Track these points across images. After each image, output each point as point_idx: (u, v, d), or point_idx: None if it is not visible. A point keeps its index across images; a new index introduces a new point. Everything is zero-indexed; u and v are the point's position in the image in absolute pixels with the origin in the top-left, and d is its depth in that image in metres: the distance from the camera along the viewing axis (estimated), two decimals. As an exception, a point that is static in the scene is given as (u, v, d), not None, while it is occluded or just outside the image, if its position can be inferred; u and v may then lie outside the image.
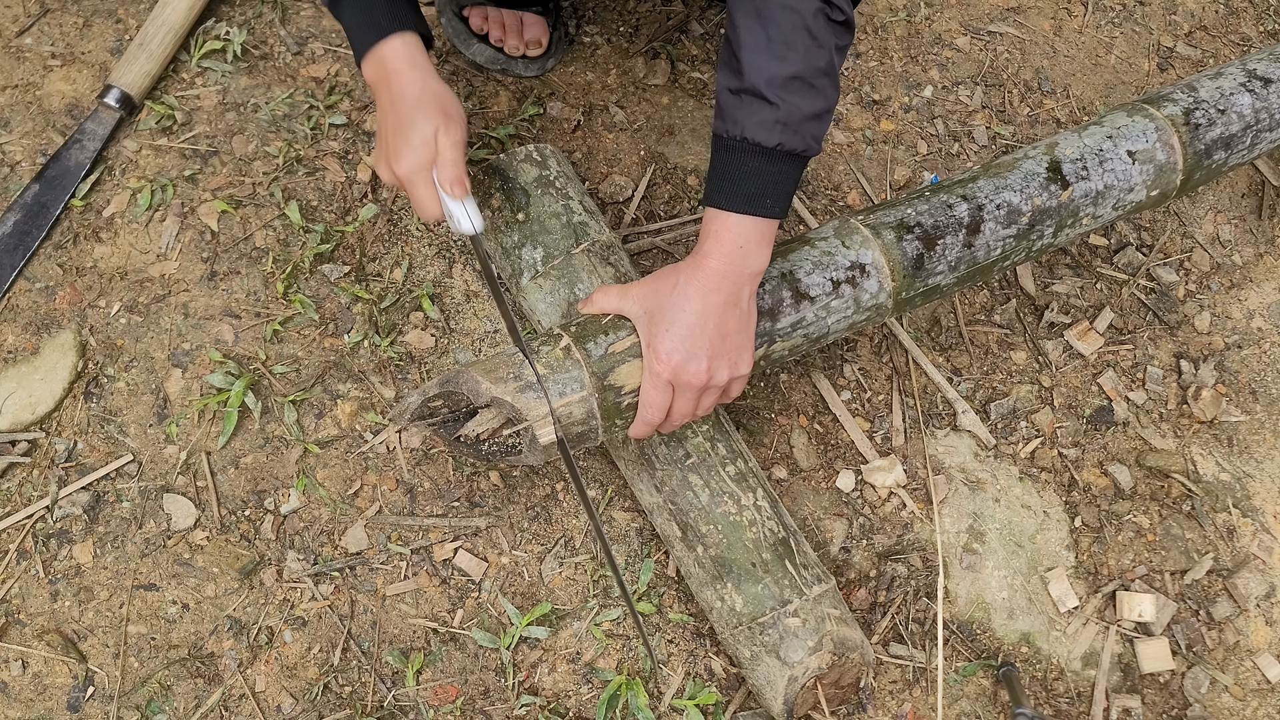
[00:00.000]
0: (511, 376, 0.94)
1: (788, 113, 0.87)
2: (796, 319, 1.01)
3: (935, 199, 1.08)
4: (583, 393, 0.94)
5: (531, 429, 0.93)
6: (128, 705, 1.04)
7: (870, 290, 1.04)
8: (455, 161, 0.96)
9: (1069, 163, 1.11)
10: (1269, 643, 1.19)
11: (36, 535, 1.09)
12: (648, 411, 0.95)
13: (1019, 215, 1.08)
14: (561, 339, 0.96)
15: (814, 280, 1.02)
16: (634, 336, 0.96)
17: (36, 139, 1.27)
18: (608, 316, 0.98)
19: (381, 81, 0.98)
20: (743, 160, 0.90)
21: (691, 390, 0.93)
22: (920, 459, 1.23)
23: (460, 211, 0.96)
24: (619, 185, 1.34)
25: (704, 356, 0.91)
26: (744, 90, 0.88)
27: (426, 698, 1.07)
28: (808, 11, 0.86)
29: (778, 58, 0.86)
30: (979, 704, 1.13)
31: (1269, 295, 1.41)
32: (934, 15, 1.55)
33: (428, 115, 0.95)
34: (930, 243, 1.05)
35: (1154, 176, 1.14)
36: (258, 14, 1.39)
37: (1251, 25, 1.63)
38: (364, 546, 1.12)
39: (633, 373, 0.95)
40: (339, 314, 1.22)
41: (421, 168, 0.96)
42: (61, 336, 1.18)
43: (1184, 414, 1.31)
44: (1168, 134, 1.15)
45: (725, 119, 0.90)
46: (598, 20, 1.46)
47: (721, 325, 0.91)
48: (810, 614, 1.01)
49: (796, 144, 0.89)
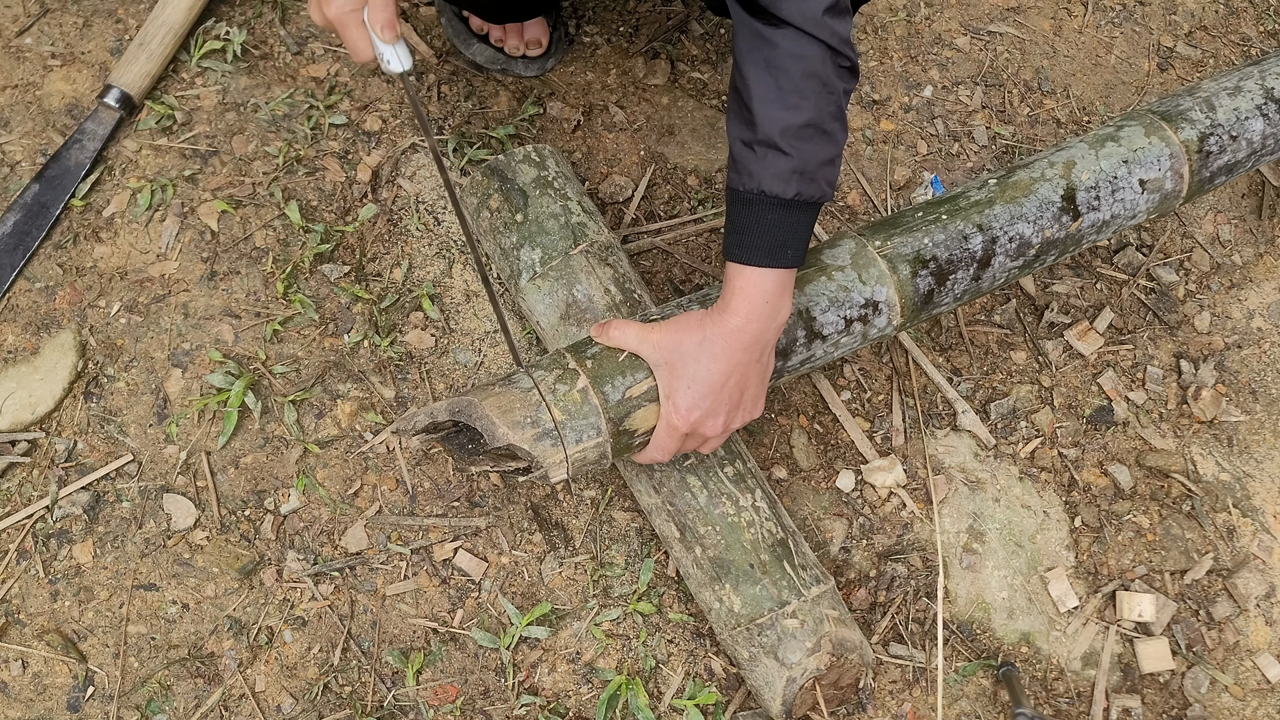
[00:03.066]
0: (529, 422, 0.91)
1: (802, 161, 0.87)
2: (807, 355, 1.02)
3: (952, 227, 1.06)
4: (598, 439, 0.93)
5: (545, 471, 0.93)
6: (128, 705, 1.04)
7: (879, 325, 1.04)
8: (385, 4, 0.92)
9: (1084, 190, 1.09)
10: (1269, 643, 1.19)
11: (36, 535, 1.09)
12: (657, 454, 0.97)
13: (1028, 248, 1.08)
14: (578, 379, 0.94)
15: (829, 319, 1.01)
16: (651, 380, 0.94)
17: (36, 139, 1.27)
18: (624, 354, 0.96)
19: None
20: (761, 213, 0.89)
21: (703, 439, 0.96)
22: (920, 459, 1.23)
23: (391, 53, 0.94)
24: (619, 185, 1.34)
25: (722, 413, 0.93)
26: (758, 142, 0.87)
27: (426, 698, 1.07)
28: (816, 59, 0.86)
29: (790, 107, 0.86)
30: (979, 704, 1.13)
31: (1269, 295, 1.41)
32: (934, 15, 1.55)
33: None
34: (942, 279, 1.05)
35: (1157, 203, 1.14)
36: (258, 14, 1.39)
37: (1251, 25, 1.63)
38: (364, 546, 1.12)
39: (648, 417, 0.95)
40: (339, 314, 1.22)
41: (352, 9, 0.93)
42: (61, 336, 1.18)
43: (1184, 414, 1.31)
44: (1180, 163, 1.13)
45: (740, 171, 0.90)
46: (598, 20, 1.46)
47: (743, 383, 0.93)
48: (808, 615, 1.01)
49: (813, 192, 0.89)
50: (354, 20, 0.94)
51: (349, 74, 1.36)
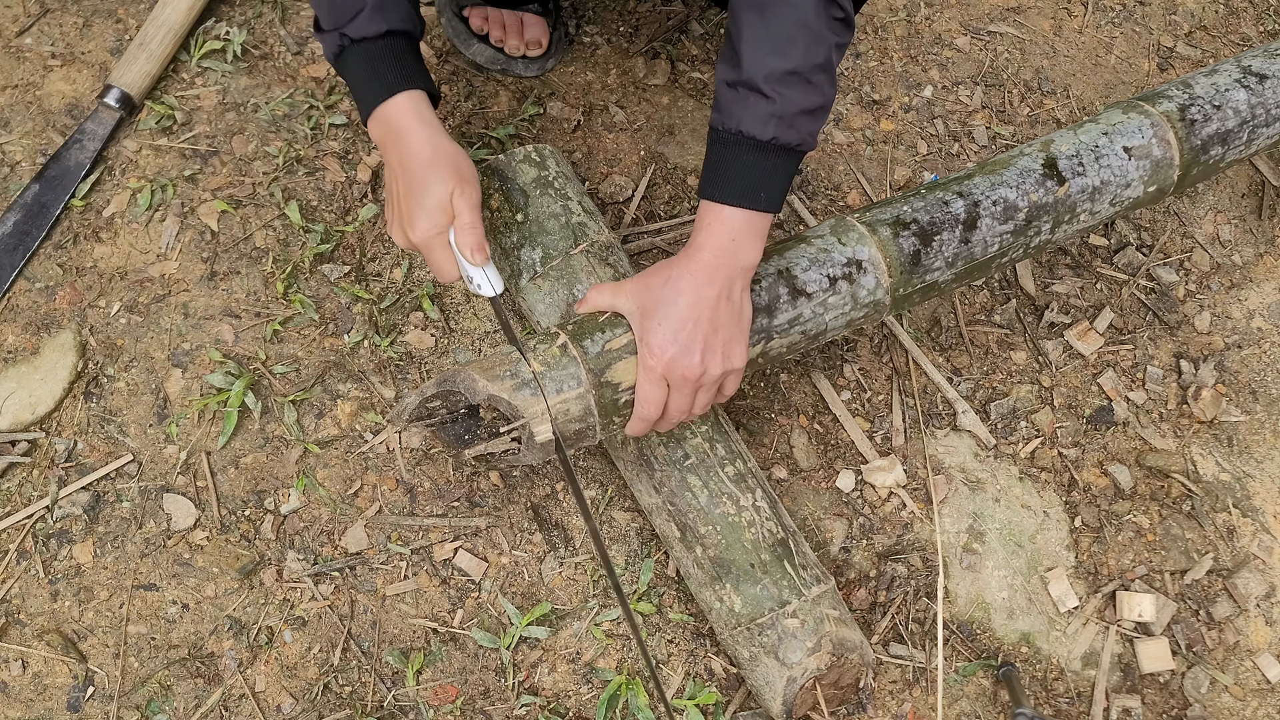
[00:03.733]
0: (508, 374, 0.94)
1: (783, 107, 0.88)
2: (794, 315, 1.01)
3: (931, 196, 1.09)
4: (580, 389, 0.94)
5: (529, 427, 0.93)
6: (128, 705, 1.04)
7: (867, 286, 1.04)
8: (474, 226, 0.94)
9: (1065, 159, 1.11)
10: (1269, 643, 1.19)
11: (36, 535, 1.09)
12: (644, 407, 0.95)
13: (1015, 211, 1.09)
14: (558, 337, 0.97)
15: (810, 277, 1.02)
16: (630, 333, 0.96)
17: (36, 139, 1.27)
18: (604, 315, 0.98)
19: (390, 141, 0.96)
20: (737, 154, 0.90)
21: (686, 385, 0.93)
22: (920, 459, 1.23)
23: (481, 276, 0.95)
24: (619, 185, 1.34)
25: (696, 350, 0.91)
26: (741, 83, 0.89)
27: (426, 698, 1.07)
28: (809, 7, 0.87)
29: (777, 52, 0.87)
30: (979, 704, 1.13)
31: (1269, 295, 1.41)
32: (934, 15, 1.55)
33: (441, 178, 0.94)
34: (927, 239, 1.05)
35: (1151, 172, 1.14)
36: (258, 14, 1.39)
37: (1251, 25, 1.63)
38: (364, 546, 1.12)
39: (629, 369, 0.95)
40: (339, 314, 1.22)
41: (438, 232, 0.94)
42: (61, 336, 1.18)
43: (1184, 414, 1.31)
44: (1163, 130, 1.15)
45: (721, 112, 0.91)
46: (598, 20, 1.46)
47: (714, 318, 0.92)
48: (809, 615, 1.01)
49: (791, 138, 0.90)
50: (440, 243, 0.95)
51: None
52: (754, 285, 0.99)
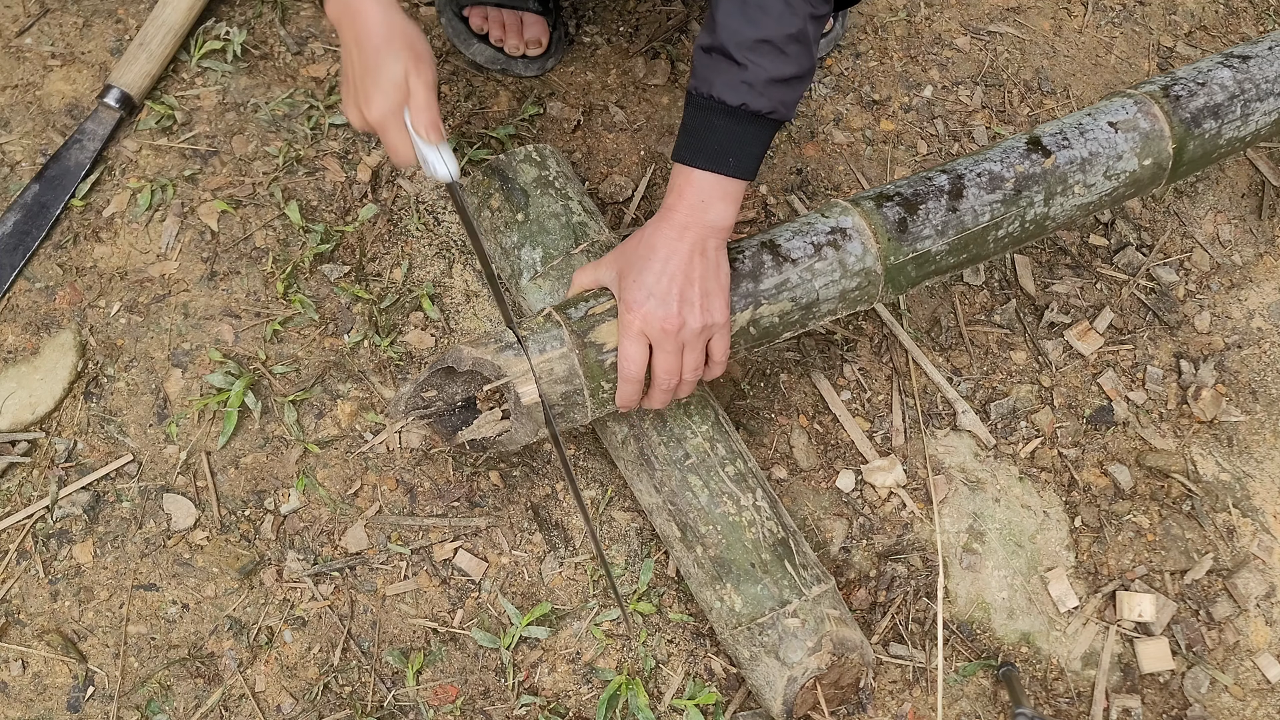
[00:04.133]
0: (493, 340, 0.97)
1: (754, 74, 0.89)
2: (780, 280, 1.02)
3: (915, 176, 1.11)
4: (562, 349, 0.95)
5: (513, 387, 0.93)
6: (128, 705, 1.04)
7: (855, 253, 1.04)
8: (429, 105, 0.92)
9: (1048, 136, 1.13)
10: (1269, 643, 1.19)
11: (36, 535, 1.09)
12: (626, 365, 0.95)
13: (1002, 181, 1.10)
14: (545, 311, 1.00)
15: (795, 244, 1.03)
16: (614, 301, 0.98)
17: (36, 139, 1.27)
18: (590, 291, 1.01)
19: (345, 19, 0.93)
20: (709, 118, 0.92)
21: (667, 339, 0.93)
22: (920, 459, 1.23)
23: (435, 157, 0.92)
24: (619, 185, 1.34)
25: (672, 301, 0.92)
26: (714, 49, 0.90)
27: (426, 698, 1.07)
28: None
29: (749, 20, 0.88)
30: (979, 704, 1.13)
31: (1269, 295, 1.41)
32: (934, 15, 1.55)
33: (396, 55, 0.91)
34: (911, 208, 1.07)
35: (1142, 144, 1.15)
36: (258, 14, 1.39)
37: (1251, 25, 1.63)
38: (364, 546, 1.12)
39: (613, 331, 0.97)
40: (339, 314, 1.22)
41: (393, 111, 0.92)
42: (61, 336, 1.18)
43: (1184, 414, 1.31)
44: (1147, 105, 1.17)
45: (696, 76, 0.93)
46: (598, 20, 1.46)
47: (688, 271, 0.93)
48: (809, 614, 1.01)
49: (761, 105, 0.91)
50: (395, 123, 0.93)
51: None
52: (738, 255, 1.01)
